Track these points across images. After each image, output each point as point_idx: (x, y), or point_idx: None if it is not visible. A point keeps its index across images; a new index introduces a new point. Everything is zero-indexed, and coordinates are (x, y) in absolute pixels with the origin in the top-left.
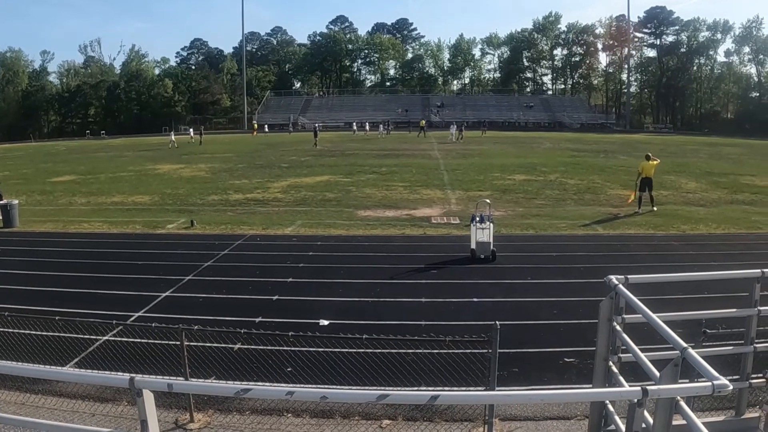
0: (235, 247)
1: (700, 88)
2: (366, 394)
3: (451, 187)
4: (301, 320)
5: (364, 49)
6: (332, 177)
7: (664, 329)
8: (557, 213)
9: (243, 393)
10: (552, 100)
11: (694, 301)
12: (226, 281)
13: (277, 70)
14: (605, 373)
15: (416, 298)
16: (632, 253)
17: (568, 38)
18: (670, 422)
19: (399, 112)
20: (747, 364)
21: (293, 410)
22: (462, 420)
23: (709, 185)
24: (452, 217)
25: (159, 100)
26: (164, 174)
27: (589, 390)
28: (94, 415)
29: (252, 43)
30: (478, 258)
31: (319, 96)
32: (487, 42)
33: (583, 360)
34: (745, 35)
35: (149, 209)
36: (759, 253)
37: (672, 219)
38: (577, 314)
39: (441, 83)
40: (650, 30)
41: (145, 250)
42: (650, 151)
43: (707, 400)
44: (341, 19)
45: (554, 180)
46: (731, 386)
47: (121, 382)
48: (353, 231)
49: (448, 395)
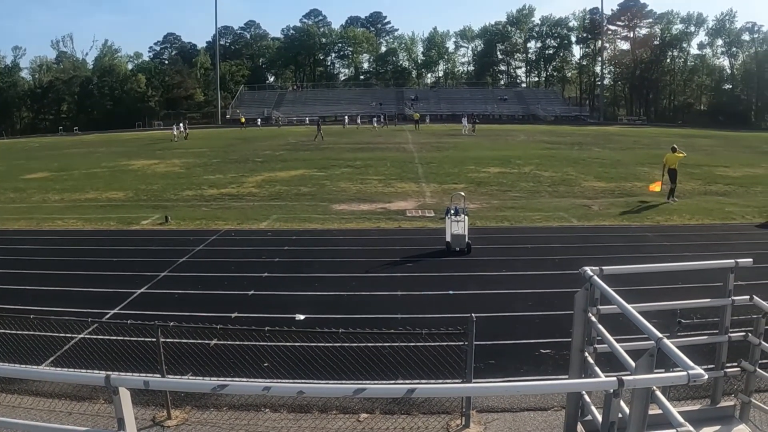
0: (210, 242)
1: (673, 80)
2: (343, 388)
3: (425, 180)
4: (277, 315)
5: (337, 43)
6: (307, 171)
7: (639, 320)
8: (532, 205)
9: (220, 389)
10: (526, 93)
11: (668, 291)
12: (202, 277)
13: (250, 65)
14: (581, 364)
15: (392, 292)
16: (607, 244)
17: (542, 31)
18: (646, 412)
19: (373, 105)
20: (722, 353)
21: (271, 405)
22: (439, 413)
23: (683, 177)
24: (427, 210)
25: (132, 95)
26: (138, 170)
27: (565, 381)
28: (71, 413)
29: (225, 37)
30: (453, 251)
31: (293, 90)
32: (461, 35)
33: (559, 351)
34: (718, 28)
35: (123, 205)
36: (733, 244)
37: (646, 210)
38: (552, 306)
39: (415, 76)
40: (624, 23)
41: (119, 247)
42: (676, 144)
43: (683, 389)
44: (315, 13)
45: (529, 172)
46: (706, 375)
47: (97, 380)
48: (328, 225)
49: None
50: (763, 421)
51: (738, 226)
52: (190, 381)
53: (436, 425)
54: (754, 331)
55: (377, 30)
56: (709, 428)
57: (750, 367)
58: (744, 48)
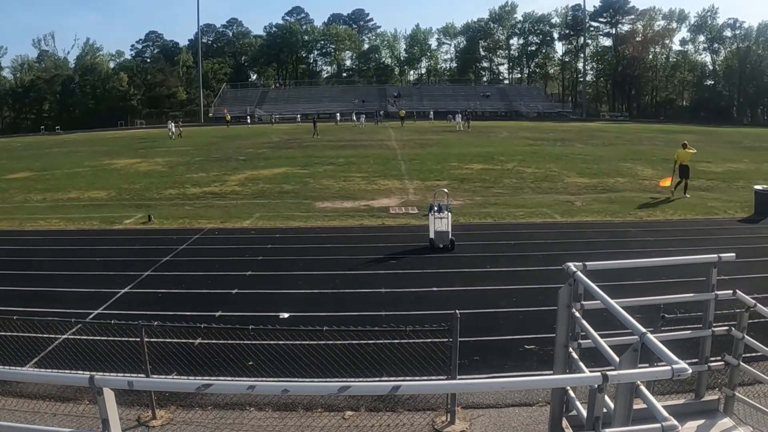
0: (194, 241)
1: (655, 76)
2: (328, 386)
3: (408, 177)
4: (262, 313)
5: (320, 40)
6: (290, 169)
7: (622, 315)
8: (515, 201)
9: (204, 388)
10: (509, 90)
11: (652, 286)
12: (185, 276)
13: (233, 63)
14: (565, 359)
15: (376, 289)
16: (590, 240)
17: (525, 28)
18: (630, 406)
19: (356, 102)
20: (705, 347)
21: (256, 404)
22: (424, 409)
23: (666, 172)
24: (410, 207)
25: (114, 94)
26: (121, 169)
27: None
28: (55, 415)
29: (207, 35)
30: (437, 247)
31: (276, 88)
32: (443, 32)
33: (543, 347)
34: (700, 24)
35: (106, 205)
36: (715, 239)
37: (629, 206)
38: (536, 301)
39: (397, 73)
40: (606, 19)
41: (102, 246)
42: (685, 141)
43: (667, 383)
44: (297, 10)
45: (512, 169)
46: (690, 370)
47: (82, 381)
48: (311, 223)
49: (409, 385)
50: (747, 414)
51: (720, 220)
52: (175, 381)
53: (421, 422)
54: (737, 325)
55: (360, 27)
56: (693, 422)
57: (734, 361)
58: (726, 44)
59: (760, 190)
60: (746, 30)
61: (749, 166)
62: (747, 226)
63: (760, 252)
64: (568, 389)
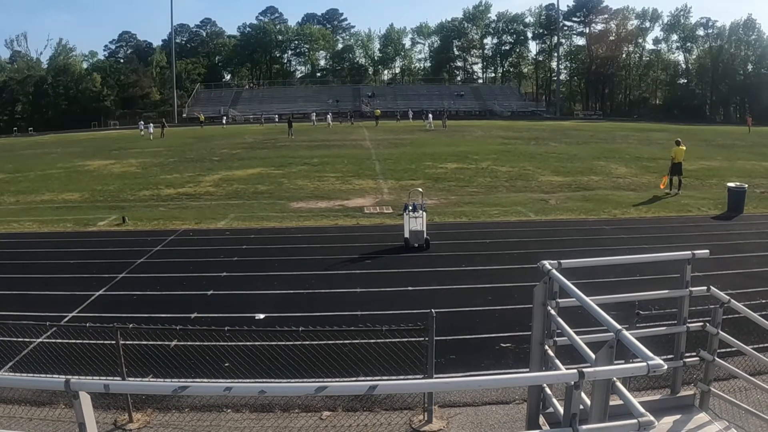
0: (168, 242)
1: (629, 75)
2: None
3: (383, 176)
4: (237, 314)
5: (294, 40)
6: (264, 169)
7: (598, 312)
8: (489, 200)
9: (181, 390)
10: (483, 89)
11: (627, 283)
12: (160, 278)
13: (206, 63)
14: (541, 357)
15: (351, 289)
16: (565, 238)
17: (498, 27)
18: (607, 403)
19: (330, 102)
20: (680, 343)
21: (233, 405)
22: (402, 408)
23: (639, 170)
24: (385, 207)
25: (87, 94)
26: (94, 170)
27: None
28: (31, 419)
29: (181, 35)
30: (412, 247)
31: (250, 88)
32: (417, 31)
33: (519, 345)
34: (673, 23)
35: (80, 206)
36: (689, 236)
37: (603, 204)
38: (511, 300)
39: (372, 73)
40: (579, 18)
41: (76, 249)
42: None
43: (643, 379)
44: (271, 10)
45: (486, 168)
46: (666, 366)
47: (57, 385)
48: (286, 223)
49: (386, 384)
50: (723, 409)
51: (694, 218)
52: (151, 383)
53: (398, 421)
54: (711, 321)
55: (334, 27)
56: (669, 417)
57: (708, 357)
58: (698, 43)
59: (732, 187)
60: (719, 29)
61: (722, 164)
62: (720, 223)
63: (733, 248)
64: (545, 387)
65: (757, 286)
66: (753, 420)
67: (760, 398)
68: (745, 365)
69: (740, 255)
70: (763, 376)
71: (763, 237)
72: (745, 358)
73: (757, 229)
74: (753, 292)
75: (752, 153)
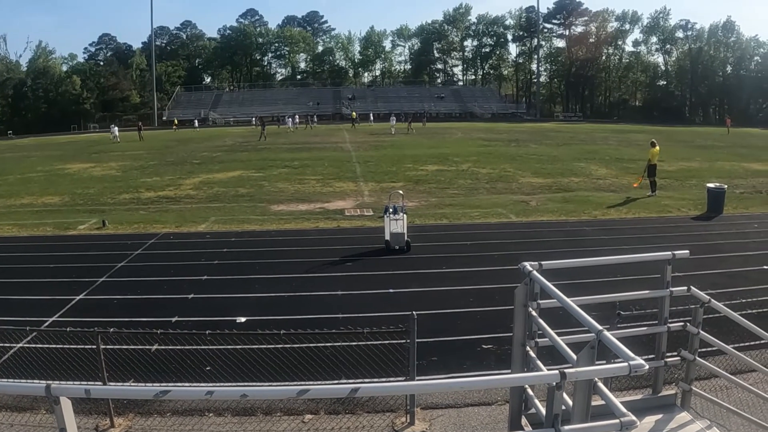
0: (149, 246)
1: (608, 77)
2: (286, 389)
3: (363, 179)
4: (218, 318)
5: (274, 43)
6: (244, 172)
7: (579, 313)
8: (470, 202)
9: (162, 395)
10: (463, 91)
11: (608, 284)
12: (141, 281)
13: (187, 65)
14: (523, 358)
15: (332, 291)
16: (545, 239)
17: (479, 29)
18: (589, 403)
19: (310, 105)
20: (661, 343)
21: (214, 409)
22: (384, 411)
23: (619, 171)
24: (366, 209)
25: (67, 97)
26: (74, 173)
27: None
28: (12, 425)
29: (161, 37)
30: (393, 249)
31: (230, 90)
32: (397, 34)
33: (500, 346)
34: (652, 25)
35: (60, 210)
36: (669, 236)
37: (583, 205)
38: (492, 301)
39: (352, 75)
40: (559, 21)
41: (56, 253)
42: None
43: (625, 379)
44: (251, 13)
45: (466, 169)
46: (647, 366)
47: (38, 390)
48: (267, 226)
49: (368, 387)
50: (704, 408)
51: (674, 218)
52: (132, 388)
53: (381, 424)
54: (692, 321)
55: (314, 29)
56: (651, 417)
57: (689, 356)
58: (678, 45)
59: (712, 188)
60: (698, 31)
61: (702, 165)
62: (700, 223)
63: (713, 249)
64: (527, 388)
65: (737, 285)
66: (734, 419)
67: (740, 397)
68: (726, 364)
69: (720, 255)
70: (743, 375)
71: (742, 237)
72: (726, 357)
73: (736, 229)
74: (733, 291)
75: (731, 154)
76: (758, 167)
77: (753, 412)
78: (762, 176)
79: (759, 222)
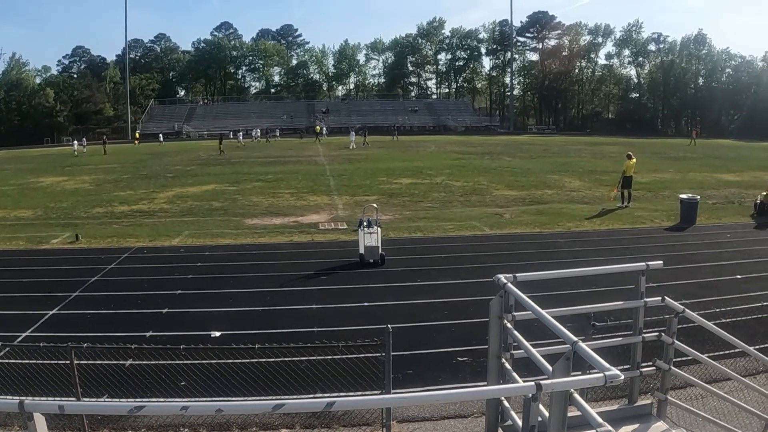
0: (122, 260)
1: (581, 89)
2: (262, 404)
3: (337, 192)
4: (193, 332)
5: (248, 56)
6: (218, 186)
7: (554, 324)
8: (444, 215)
9: (137, 410)
10: (437, 104)
11: (582, 295)
12: (114, 296)
13: (161, 78)
14: (499, 370)
15: (307, 305)
16: (520, 251)
17: (452, 43)
18: (565, 414)
19: (284, 118)
20: (636, 353)
21: (189, 425)
22: (360, 425)
23: (592, 183)
24: (340, 223)
25: (40, 110)
26: (47, 187)
27: (483, 388)
28: None
29: (135, 50)
30: (367, 262)
31: (204, 104)
32: (371, 47)
33: (476, 358)
34: (625, 38)
35: (32, 224)
36: (643, 247)
37: (557, 217)
38: (467, 314)
39: (326, 89)
40: (533, 34)
41: (29, 267)
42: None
43: (600, 390)
44: (226, 26)
45: (440, 183)
46: (622, 376)
47: (11, 406)
48: (241, 240)
49: (344, 401)
50: (680, 417)
51: (647, 229)
52: (106, 403)
53: None
54: (666, 331)
55: (288, 43)
56: (627, 427)
57: (664, 366)
58: (650, 58)
59: (685, 199)
60: (670, 44)
61: (674, 176)
62: (673, 234)
63: (686, 259)
64: (503, 399)
65: (710, 295)
66: (710, 427)
67: (716, 405)
68: (701, 373)
69: (693, 265)
70: (718, 383)
71: (715, 247)
72: (701, 366)
73: (709, 240)
74: (707, 301)
75: (704, 165)
76: (730, 178)
77: (728, 420)
78: (734, 187)
79: (731, 232)
